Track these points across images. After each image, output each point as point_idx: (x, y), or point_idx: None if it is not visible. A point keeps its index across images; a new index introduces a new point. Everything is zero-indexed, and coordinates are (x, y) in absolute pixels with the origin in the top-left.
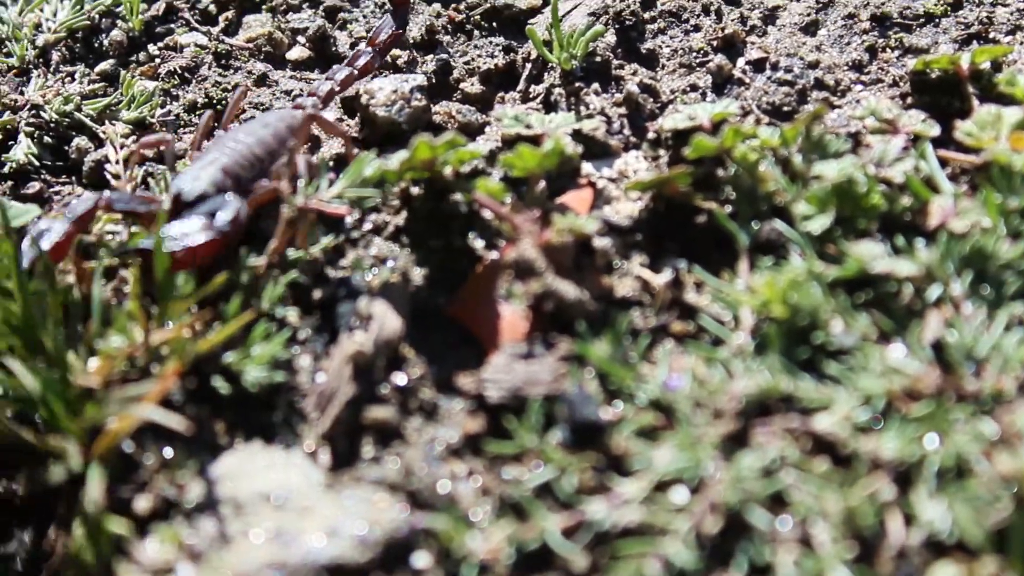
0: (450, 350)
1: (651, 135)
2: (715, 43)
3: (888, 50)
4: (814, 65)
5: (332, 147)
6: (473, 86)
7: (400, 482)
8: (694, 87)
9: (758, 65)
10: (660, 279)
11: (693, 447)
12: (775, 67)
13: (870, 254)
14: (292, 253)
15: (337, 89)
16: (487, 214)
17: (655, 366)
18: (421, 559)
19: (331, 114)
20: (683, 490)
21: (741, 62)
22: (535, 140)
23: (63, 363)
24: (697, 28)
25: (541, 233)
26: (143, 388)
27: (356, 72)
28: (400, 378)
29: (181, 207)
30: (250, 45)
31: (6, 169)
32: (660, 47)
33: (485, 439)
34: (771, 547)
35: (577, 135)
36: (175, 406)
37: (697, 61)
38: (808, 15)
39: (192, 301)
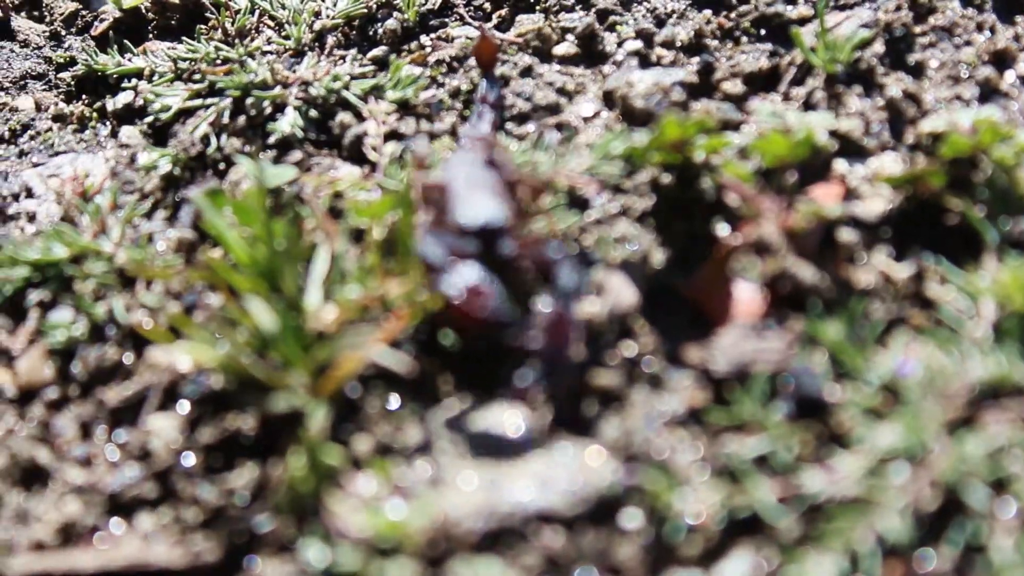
0: (681, 328)
1: (910, 139)
2: (985, 57)
3: None
4: None
5: None
6: (735, 86)
7: (617, 444)
8: (959, 97)
9: None
10: (902, 271)
11: (918, 427)
12: None
13: None
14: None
15: (490, 139)
16: (733, 201)
17: (887, 353)
18: (630, 518)
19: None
20: (903, 467)
21: (1011, 76)
22: (788, 133)
23: (300, 307)
24: (968, 43)
25: (785, 217)
26: (373, 332)
27: (492, 127)
28: (630, 348)
29: (491, 238)
30: (519, 40)
31: (272, 139)
32: (928, 59)
33: (708, 410)
34: (988, 529)
35: (833, 134)
36: (405, 355)
37: (965, 74)
38: None
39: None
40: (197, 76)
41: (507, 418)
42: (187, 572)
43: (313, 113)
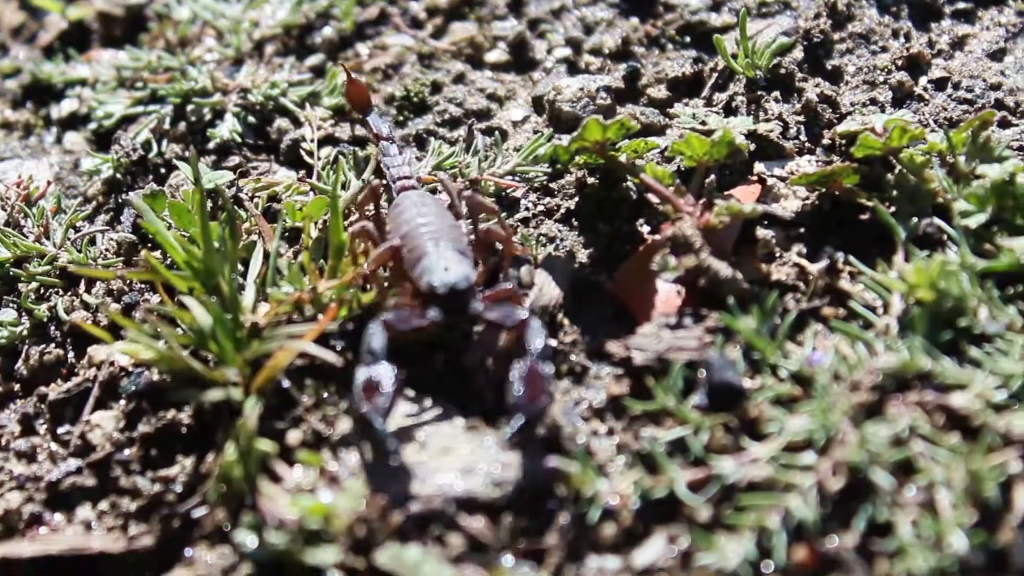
0: (604, 323)
1: (826, 141)
2: (899, 62)
3: None
4: (996, 87)
5: None
6: (659, 92)
7: (540, 433)
8: (874, 101)
9: (939, 84)
10: (815, 266)
11: (826, 413)
12: (956, 86)
13: (1023, 248)
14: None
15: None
16: (654, 199)
17: (800, 346)
18: (551, 503)
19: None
20: (811, 451)
21: (923, 80)
22: (708, 135)
23: (236, 304)
24: (884, 49)
25: (702, 215)
26: (303, 327)
27: (403, 156)
28: (552, 343)
29: (458, 298)
30: (453, 47)
31: (211, 144)
32: (845, 65)
33: (627, 400)
34: (892, 509)
35: (752, 136)
36: (337, 351)
37: (880, 79)
38: (996, 43)
39: (362, 259)
40: (139, 84)
41: (436, 409)
42: (124, 557)
43: (252, 119)
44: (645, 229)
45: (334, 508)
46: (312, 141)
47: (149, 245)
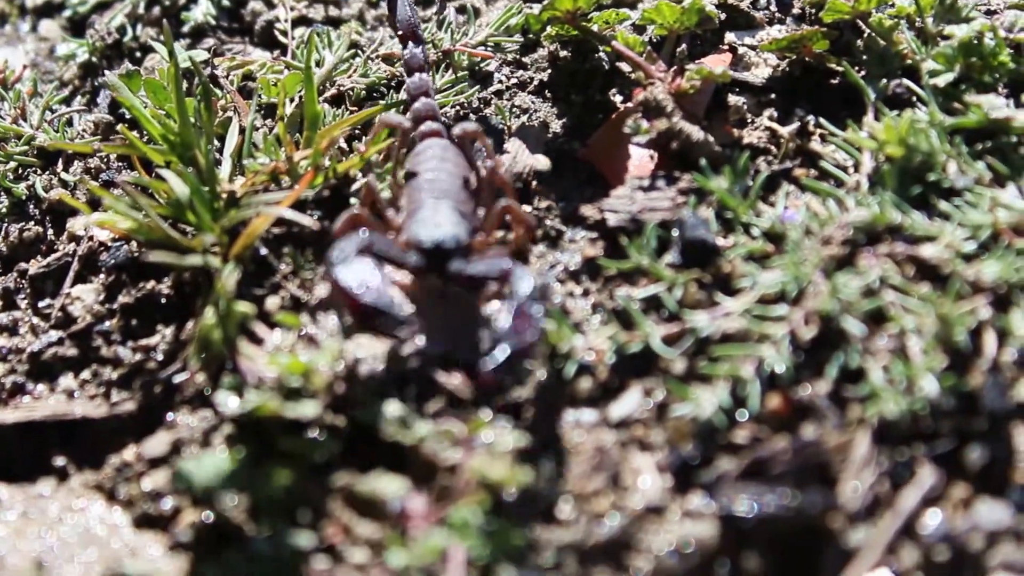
0: (578, 189)
1: (796, 11)
2: None
3: None
4: None
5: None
6: None
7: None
8: None
9: None
10: (787, 128)
11: (798, 267)
12: None
13: (991, 104)
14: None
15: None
16: (626, 69)
17: (772, 206)
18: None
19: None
20: (784, 305)
21: None
22: (679, 3)
23: (212, 175)
24: None
25: (673, 81)
26: (280, 195)
27: (428, 74)
28: (530, 207)
29: (443, 257)
30: None
31: (185, 28)
32: None
33: (602, 260)
34: (864, 356)
35: (723, 6)
36: (314, 218)
37: None
38: None
39: (336, 131)
40: None
41: (409, 274)
42: (106, 422)
43: (225, 2)
44: (618, 99)
45: (313, 365)
46: (286, 21)
47: (126, 125)
